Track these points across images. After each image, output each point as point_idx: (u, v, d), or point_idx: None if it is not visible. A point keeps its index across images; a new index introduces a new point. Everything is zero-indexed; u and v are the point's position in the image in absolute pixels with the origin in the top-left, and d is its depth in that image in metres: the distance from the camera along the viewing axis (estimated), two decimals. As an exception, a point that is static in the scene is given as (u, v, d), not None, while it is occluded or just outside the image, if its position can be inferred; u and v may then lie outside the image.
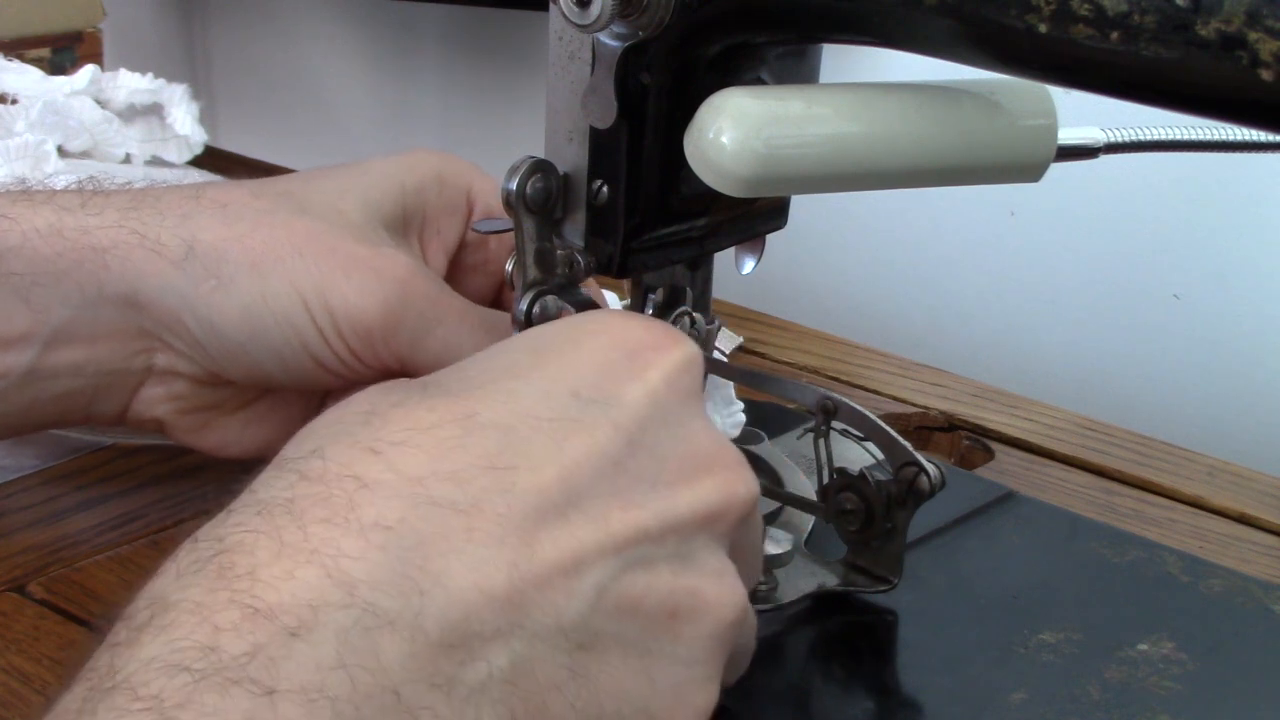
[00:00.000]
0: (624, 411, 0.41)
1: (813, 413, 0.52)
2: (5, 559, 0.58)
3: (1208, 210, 0.86)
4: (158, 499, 0.63)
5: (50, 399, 0.55)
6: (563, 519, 0.39)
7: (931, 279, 0.98)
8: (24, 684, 0.51)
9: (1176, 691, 0.49)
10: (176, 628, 0.34)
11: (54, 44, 1.04)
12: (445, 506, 0.37)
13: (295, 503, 0.37)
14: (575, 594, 0.38)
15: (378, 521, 0.37)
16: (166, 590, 0.35)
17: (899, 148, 0.47)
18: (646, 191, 0.49)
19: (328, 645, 0.34)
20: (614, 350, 0.43)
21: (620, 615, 0.39)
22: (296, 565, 0.35)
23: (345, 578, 0.35)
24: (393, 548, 0.36)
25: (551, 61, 0.49)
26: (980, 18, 0.42)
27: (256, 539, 0.36)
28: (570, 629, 0.38)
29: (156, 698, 0.32)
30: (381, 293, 0.53)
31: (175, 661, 0.33)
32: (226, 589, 0.35)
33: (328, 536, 0.36)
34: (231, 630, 0.34)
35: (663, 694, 0.40)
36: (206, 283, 0.54)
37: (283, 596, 0.35)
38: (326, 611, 0.35)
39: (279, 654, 0.34)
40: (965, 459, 0.71)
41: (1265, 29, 0.37)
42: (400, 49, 1.26)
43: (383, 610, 0.35)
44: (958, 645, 0.51)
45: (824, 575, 0.53)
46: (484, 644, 0.37)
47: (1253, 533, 0.64)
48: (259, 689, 0.33)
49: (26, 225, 0.54)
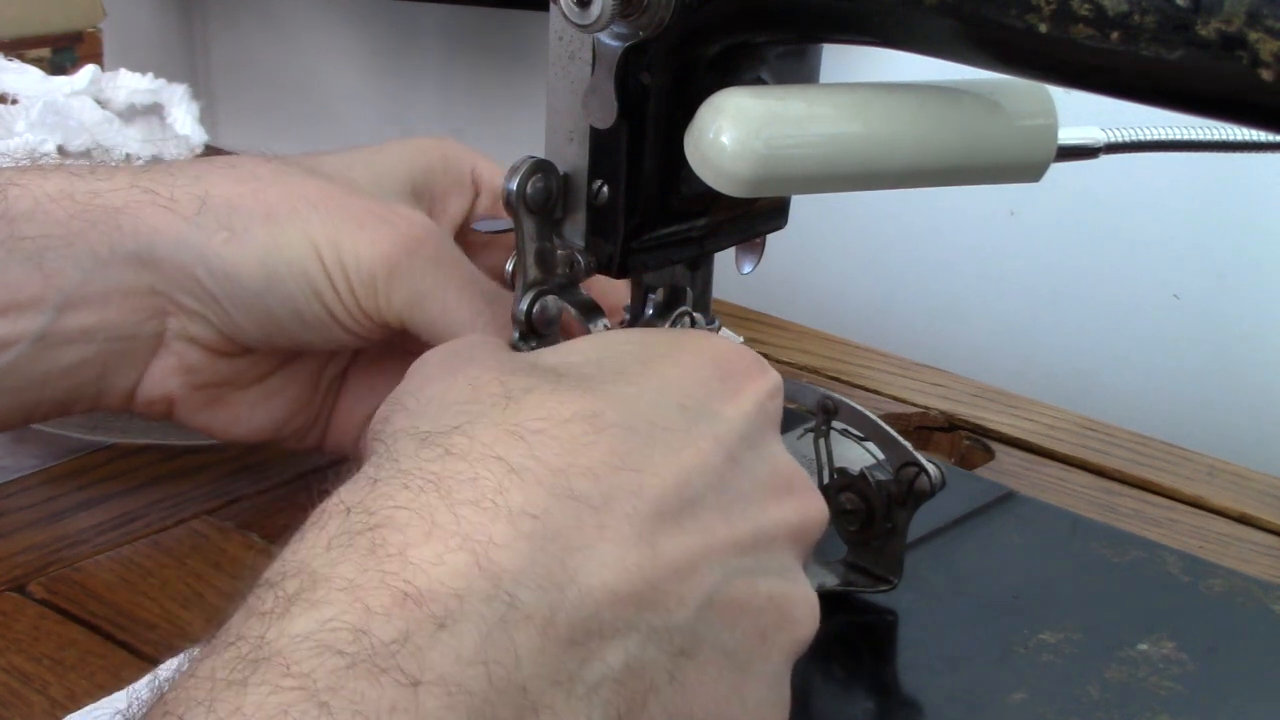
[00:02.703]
0: (724, 427, 0.42)
1: (813, 413, 0.52)
2: (5, 559, 0.58)
3: (1208, 210, 0.86)
4: (158, 499, 0.63)
5: (62, 370, 0.55)
6: (678, 524, 0.40)
7: (931, 279, 0.98)
8: (24, 684, 0.51)
9: (1176, 691, 0.49)
10: (328, 605, 0.34)
11: (54, 44, 1.04)
12: (582, 501, 0.38)
13: (444, 481, 0.38)
14: (685, 598, 0.39)
15: (525, 509, 0.37)
16: (316, 561, 0.36)
17: (899, 148, 0.47)
18: (646, 191, 0.49)
19: (470, 638, 0.35)
20: (711, 369, 0.44)
21: (723, 622, 0.40)
22: (447, 549, 0.36)
23: (492, 567, 0.36)
24: (538, 538, 0.37)
25: (551, 61, 0.49)
26: (980, 18, 0.42)
27: (408, 516, 0.37)
28: (677, 632, 0.39)
29: (308, 676, 0.33)
30: (390, 243, 0.54)
31: (327, 642, 0.34)
32: (378, 569, 0.35)
33: (478, 521, 0.37)
34: (383, 614, 0.34)
35: (750, 713, 0.41)
36: (219, 235, 0.54)
37: (432, 582, 0.35)
38: (472, 603, 0.35)
39: (425, 644, 0.34)
40: (965, 459, 0.71)
41: (1265, 29, 0.37)
42: (400, 49, 1.26)
43: (522, 604, 0.36)
44: (958, 645, 0.51)
45: (824, 575, 0.53)
46: (603, 643, 0.37)
47: (1253, 533, 0.64)
48: (405, 679, 0.34)
49: (38, 191, 0.54)
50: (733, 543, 0.41)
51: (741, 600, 0.41)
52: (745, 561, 0.41)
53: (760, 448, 0.44)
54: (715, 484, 0.41)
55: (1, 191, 0.53)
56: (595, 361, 0.44)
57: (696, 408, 0.42)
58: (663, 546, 0.39)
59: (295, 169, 0.56)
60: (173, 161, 0.57)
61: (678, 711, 0.40)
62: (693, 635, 0.40)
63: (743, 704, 0.41)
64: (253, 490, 0.64)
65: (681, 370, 0.44)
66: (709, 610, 0.40)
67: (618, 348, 0.45)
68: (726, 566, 0.41)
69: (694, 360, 0.44)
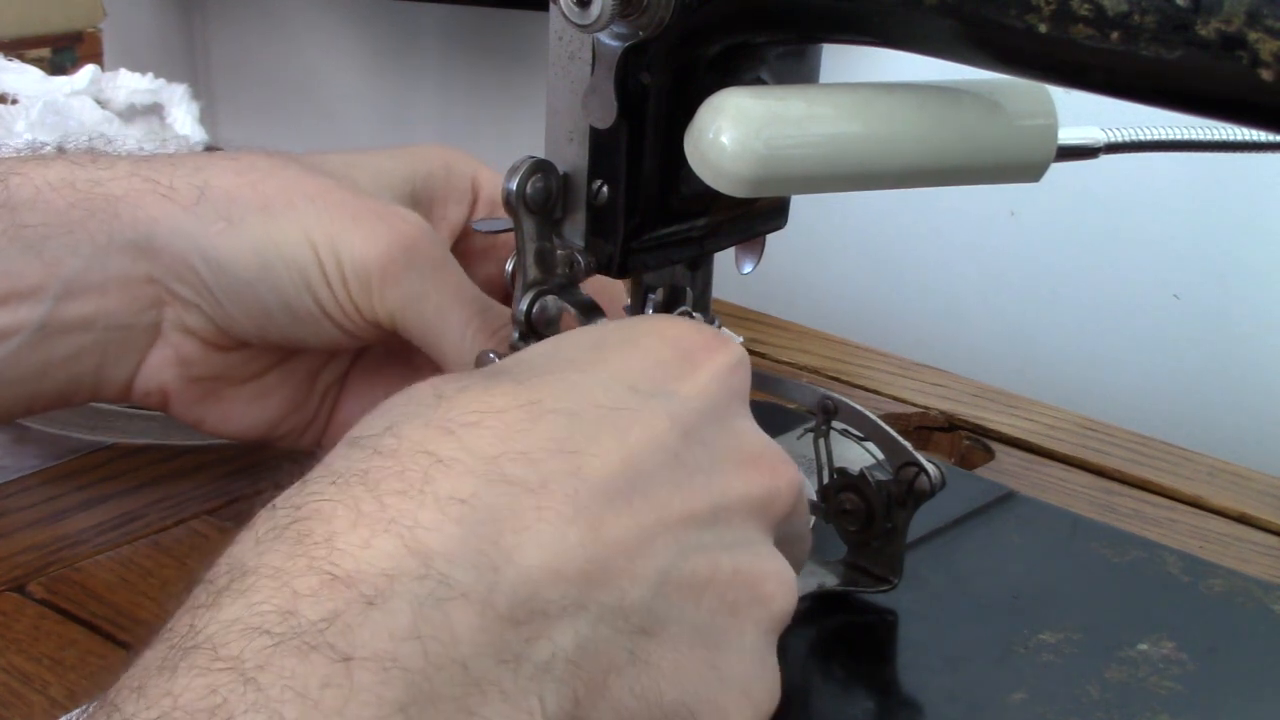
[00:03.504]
0: (679, 405, 0.42)
1: (813, 413, 0.52)
2: (5, 559, 0.58)
3: (1208, 210, 0.86)
4: (158, 499, 0.63)
5: (61, 360, 0.55)
6: (627, 504, 0.40)
7: (931, 279, 0.98)
8: (24, 684, 0.51)
9: (1176, 691, 0.49)
10: (256, 591, 0.35)
11: (54, 44, 1.04)
12: (517, 485, 0.38)
13: (370, 474, 0.38)
14: (638, 577, 0.39)
15: (453, 495, 0.37)
16: (245, 556, 0.36)
17: (899, 148, 0.47)
18: (646, 191, 0.49)
19: (403, 615, 0.35)
20: (668, 349, 0.44)
21: (682, 599, 0.40)
22: (374, 534, 0.36)
23: (421, 548, 0.36)
24: (468, 521, 0.37)
25: (551, 61, 0.49)
26: (980, 18, 0.42)
27: (334, 508, 0.37)
28: (633, 611, 0.39)
29: (237, 658, 0.33)
30: (387, 242, 0.54)
31: (255, 624, 0.34)
32: (305, 555, 0.35)
33: (404, 508, 0.37)
34: (310, 596, 0.34)
35: (730, 688, 0.41)
36: (216, 224, 0.54)
37: (360, 564, 0.35)
38: (402, 581, 0.35)
39: (356, 621, 0.34)
40: (965, 459, 0.71)
41: (1265, 29, 0.37)
42: (400, 49, 1.26)
43: (456, 583, 0.36)
44: (958, 645, 0.51)
45: (824, 575, 0.53)
46: (550, 622, 0.37)
47: (1253, 533, 0.64)
48: (336, 655, 0.34)
49: (39, 179, 0.54)
50: (689, 518, 0.41)
51: (703, 576, 0.41)
52: (704, 536, 0.41)
53: (723, 421, 0.43)
54: (668, 461, 0.41)
55: (3, 180, 0.54)
56: (548, 354, 0.44)
57: (650, 388, 0.42)
58: (608, 525, 0.39)
59: (296, 164, 0.56)
60: (174, 153, 0.57)
61: (646, 691, 0.39)
62: (651, 614, 0.39)
63: (720, 681, 0.41)
64: (253, 490, 0.64)
65: (637, 353, 0.44)
66: (666, 587, 0.40)
67: (574, 339, 0.45)
68: (683, 543, 0.40)
69: (650, 343, 0.44)
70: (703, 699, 0.41)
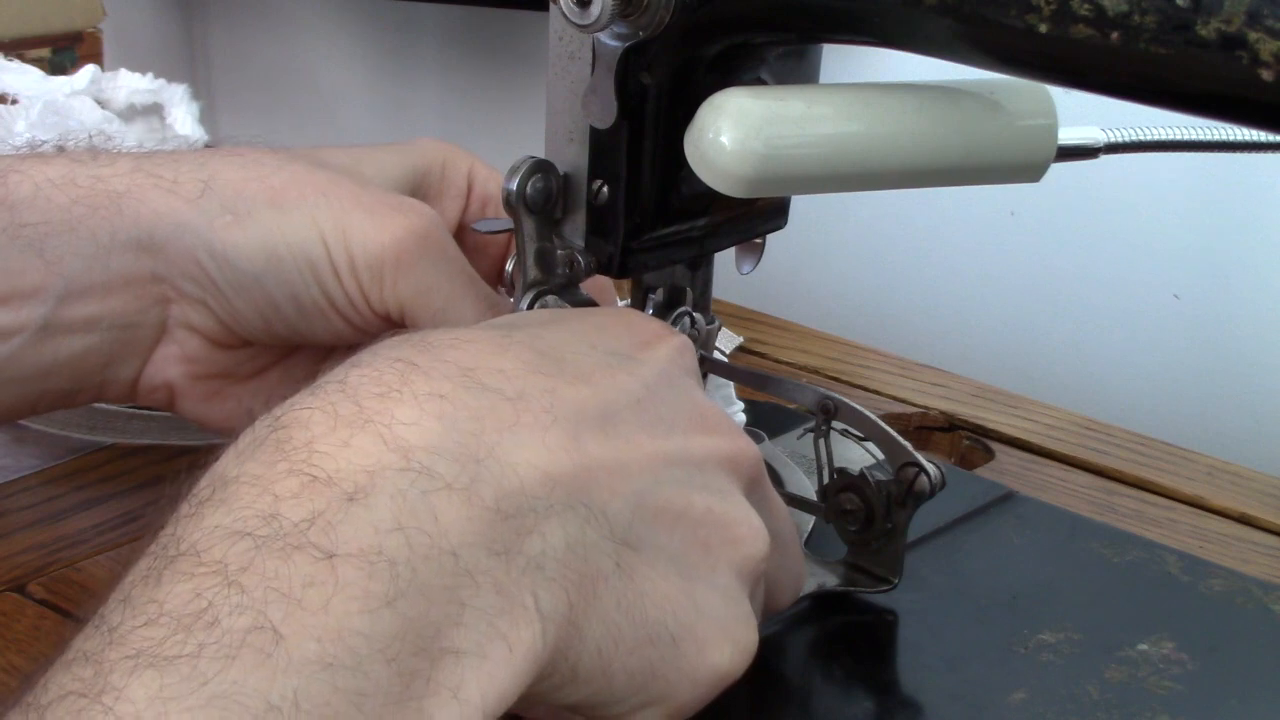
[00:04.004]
0: (637, 365, 0.44)
1: (813, 413, 0.52)
2: (5, 559, 0.58)
3: (1208, 210, 0.86)
4: (158, 499, 0.63)
5: (65, 360, 0.55)
6: (600, 428, 0.40)
7: (931, 279, 0.98)
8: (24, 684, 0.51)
9: (1176, 691, 0.49)
10: (237, 499, 0.35)
11: (54, 44, 1.04)
12: (494, 392, 0.39)
13: (347, 381, 0.38)
14: (618, 493, 0.40)
15: (433, 392, 0.38)
16: (226, 467, 0.37)
17: (899, 148, 0.47)
18: (646, 191, 0.49)
19: (385, 508, 0.35)
20: (623, 328, 0.46)
21: (659, 524, 0.41)
22: (352, 433, 0.36)
23: (401, 443, 0.36)
24: (448, 417, 0.38)
25: (551, 61, 0.49)
26: (980, 18, 0.42)
27: (311, 414, 0.37)
28: (615, 522, 0.40)
29: (220, 562, 0.34)
30: (402, 230, 0.54)
31: (238, 529, 0.34)
32: (285, 460, 0.36)
33: (382, 408, 0.37)
34: (291, 498, 0.35)
35: (708, 621, 0.42)
36: (222, 218, 0.54)
37: (339, 464, 0.36)
38: (383, 475, 0.36)
39: (337, 519, 0.35)
40: (965, 459, 0.71)
41: (1265, 29, 0.37)
42: (400, 49, 1.26)
43: (439, 474, 0.36)
44: (958, 645, 0.51)
45: (824, 575, 0.53)
46: (539, 519, 0.38)
47: (1253, 533, 0.64)
48: (319, 553, 0.34)
49: (39, 176, 0.54)
50: (660, 454, 0.42)
51: (677, 507, 0.42)
52: (675, 473, 0.42)
53: (681, 390, 0.45)
54: (634, 405, 0.42)
55: (2, 178, 0.53)
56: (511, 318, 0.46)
57: (608, 348, 0.44)
58: (586, 442, 0.40)
59: (303, 159, 0.56)
60: (177, 149, 0.57)
61: (631, 606, 0.40)
62: (631, 530, 0.40)
63: (697, 610, 0.42)
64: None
65: (592, 324, 0.45)
66: (643, 510, 0.41)
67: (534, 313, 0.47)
68: (656, 474, 0.41)
69: (604, 319, 0.46)
70: (683, 625, 0.41)
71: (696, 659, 0.41)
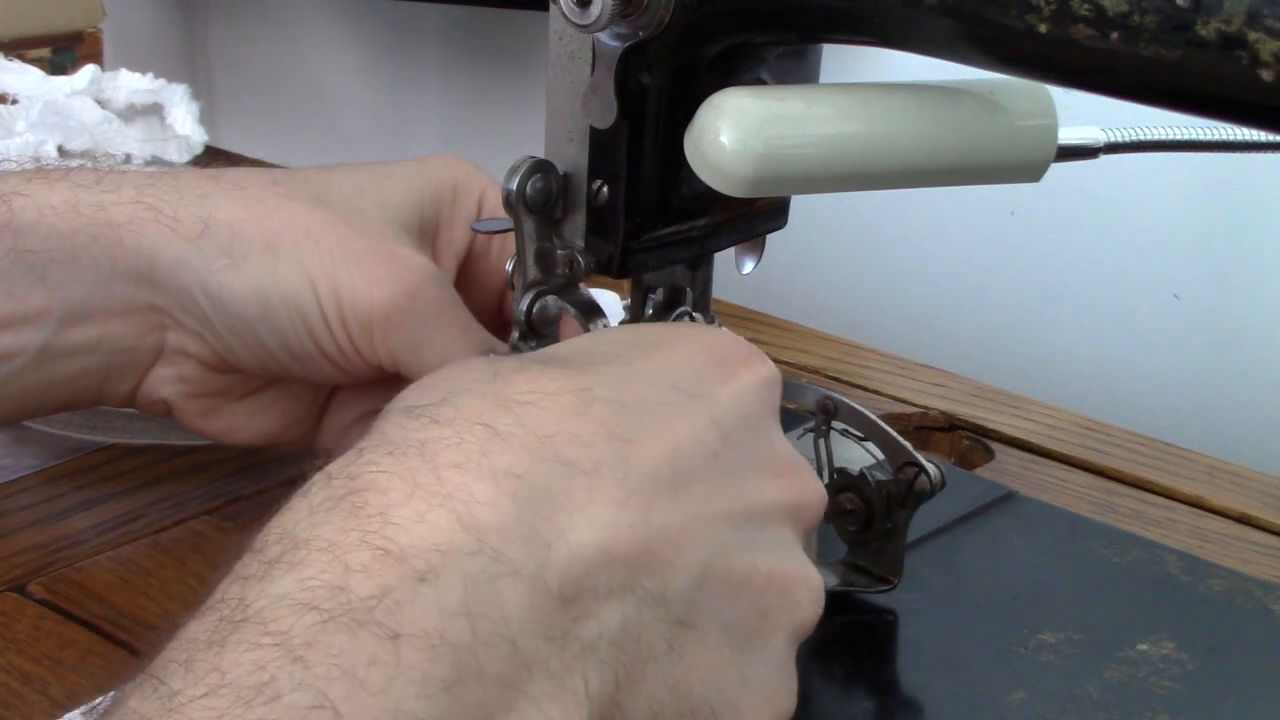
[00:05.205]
0: (717, 407, 0.43)
1: (813, 413, 0.52)
2: (5, 559, 0.58)
3: (1208, 210, 0.86)
4: (158, 499, 0.63)
5: (64, 379, 0.55)
6: (672, 493, 0.40)
7: (932, 279, 0.98)
8: (24, 684, 0.51)
9: (1176, 691, 0.49)
10: (308, 565, 0.35)
11: (54, 44, 1.04)
12: (570, 465, 0.38)
13: (428, 445, 0.38)
14: (681, 566, 0.39)
15: (510, 470, 0.37)
16: (298, 526, 0.36)
17: (899, 148, 0.47)
18: (646, 191, 0.49)
19: (454, 591, 0.35)
20: (706, 355, 0.44)
21: (719, 596, 0.41)
22: (429, 508, 0.36)
23: (475, 523, 0.36)
24: (522, 497, 0.37)
25: (551, 61, 0.49)
26: (980, 18, 0.42)
27: (390, 479, 0.37)
28: (674, 600, 0.39)
29: (285, 634, 0.33)
30: (390, 287, 0.53)
31: (305, 600, 0.34)
32: (359, 529, 0.35)
33: (460, 481, 0.37)
34: (362, 571, 0.34)
35: (753, 693, 0.41)
36: (219, 261, 0.54)
37: (414, 539, 0.35)
38: (455, 557, 0.35)
39: (405, 598, 0.34)
40: (965, 459, 0.71)
41: (1265, 29, 0.37)
42: (400, 49, 1.26)
43: (508, 559, 0.36)
44: (958, 645, 0.51)
45: (824, 575, 0.53)
46: (598, 602, 0.37)
47: (1253, 533, 0.64)
48: (385, 632, 0.34)
49: (42, 201, 0.54)
50: (728, 515, 0.41)
51: (740, 575, 0.41)
52: (742, 536, 0.41)
53: (757, 430, 0.44)
54: (708, 458, 0.41)
55: (7, 201, 0.53)
56: (588, 351, 0.44)
57: (690, 388, 0.43)
58: (656, 512, 0.39)
59: (302, 196, 0.55)
60: (180, 174, 0.57)
61: (678, 684, 0.40)
62: (690, 606, 0.40)
63: (744, 683, 0.41)
64: (253, 490, 0.64)
65: (676, 355, 0.44)
66: (706, 582, 0.40)
67: (612, 337, 0.46)
68: (722, 539, 0.41)
69: (689, 347, 0.45)
70: (726, 700, 0.41)
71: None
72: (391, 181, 0.58)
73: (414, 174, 0.59)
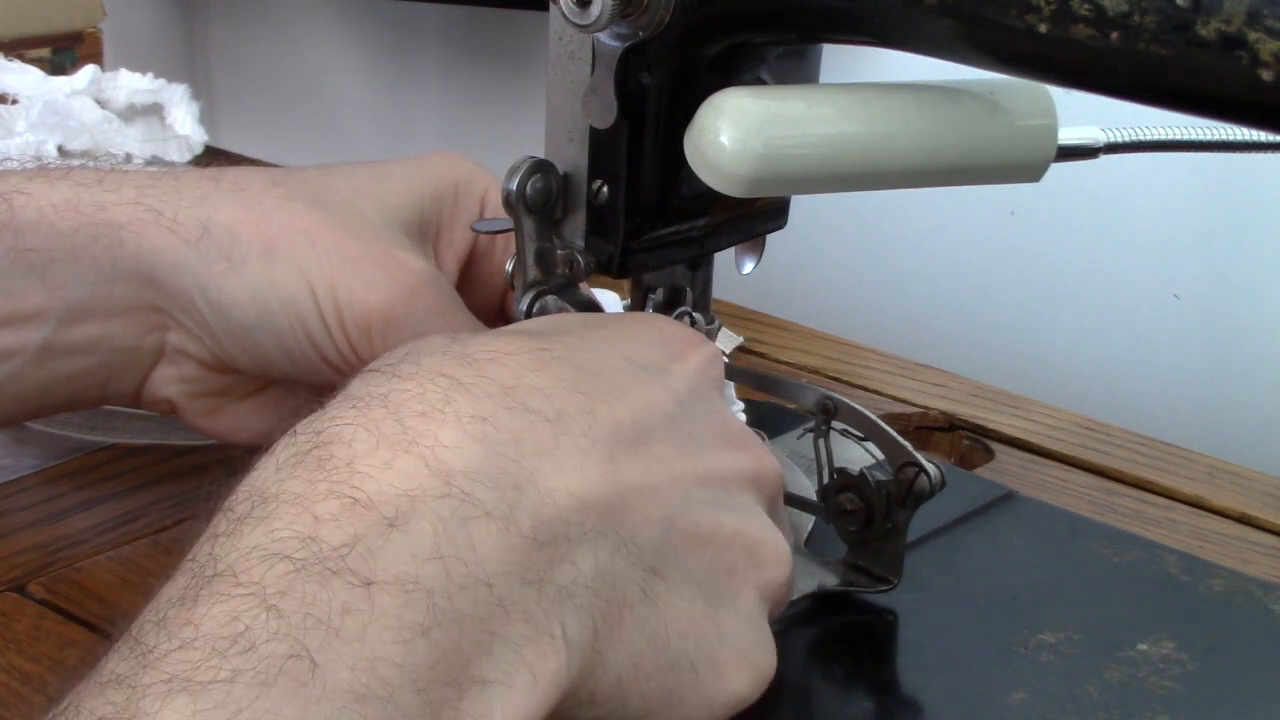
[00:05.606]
0: (673, 379, 0.44)
1: (813, 413, 0.52)
2: (5, 559, 0.58)
3: (1208, 210, 0.86)
4: (158, 499, 0.63)
5: (65, 378, 0.55)
6: (634, 449, 0.41)
7: (932, 279, 0.98)
8: (24, 684, 0.51)
9: (1176, 691, 0.49)
10: (277, 518, 0.35)
11: (54, 44, 1.04)
12: (535, 413, 0.39)
13: (391, 397, 0.38)
14: (650, 516, 0.40)
15: (475, 414, 0.38)
16: (265, 482, 0.36)
17: (899, 148, 0.47)
18: (646, 191, 0.49)
19: (425, 535, 0.35)
20: (655, 335, 0.46)
21: (686, 549, 0.41)
22: (395, 455, 0.36)
23: (442, 467, 0.36)
24: (489, 440, 0.38)
25: (551, 61, 0.49)
26: (980, 18, 0.42)
27: (355, 431, 0.37)
28: (645, 548, 0.40)
29: (258, 584, 0.33)
30: (388, 291, 0.54)
31: (276, 550, 0.34)
32: (326, 480, 0.36)
33: (425, 429, 0.37)
34: (331, 521, 0.35)
35: (729, 647, 0.42)
36: (218, 264, 0.54)
37: (381, 486, 0.35)
38: (424, 502, 0.36)
39: (377, 545, 0.34)
40: (965, 459, 0.71)
41: (1265, 29, 0.37)
42: (400, 49, 1.26)
43: (479, 501, 0.36)
44: (958, 645, 0.51)
45: (824, 575, 0.53)
46: (571, 546, 0.38)
47: (1253, 533, 0.64)
48: (357, 580, 0.34)
49: (43, 200, 0.54)
50: (693, 474, 0.42)
51: (706, 530, 0.42)
52: (706, 494, 0.42)
53: (709, 404, 0.45)
54: (666, 423, 0.42)
55: (7, 200, 0.54)
56: (544, 325, 0.46)
57: (642, 362, 0.44)
58: (621, 465, 0.40)
59: (302, 198, 0.55)
60: (181, 174, 0.57)
61: (655, 633, 0.40)
62: (659, 555, 0.40)
63: (719, 636, 0.42)
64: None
65: (627, 333, 0.45)
66: (673, 533, 0.41)
67: (566, 317, 0.47)
68: (688, 495, 0.41)
69: (640, 329, 0.46)
70: (704, 652, 0.41)
71: (715, 686, 0.42)
72: (392, 182, 0.58)
73: (415, 174, 0.58)
